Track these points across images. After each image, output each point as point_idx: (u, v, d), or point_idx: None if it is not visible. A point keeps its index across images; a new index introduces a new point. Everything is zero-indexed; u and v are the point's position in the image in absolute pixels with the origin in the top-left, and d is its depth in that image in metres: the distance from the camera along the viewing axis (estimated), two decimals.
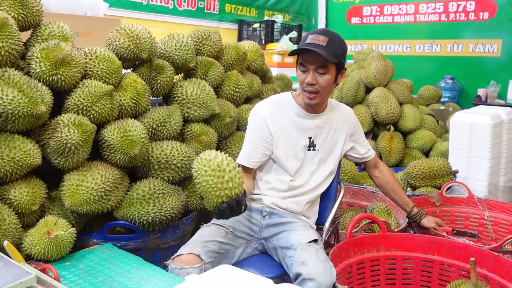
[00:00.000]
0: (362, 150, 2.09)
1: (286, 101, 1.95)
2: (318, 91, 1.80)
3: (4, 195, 1.69)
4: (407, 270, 1.93)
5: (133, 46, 2.09)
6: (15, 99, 1.63)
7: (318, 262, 1.62)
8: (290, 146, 1.90)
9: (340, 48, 1.80)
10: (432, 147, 3.49)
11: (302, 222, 1.90)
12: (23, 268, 1.24)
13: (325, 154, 1.97)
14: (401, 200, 2.16)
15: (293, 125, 1.91)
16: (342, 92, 3.62)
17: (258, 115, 1.92)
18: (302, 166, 1.93)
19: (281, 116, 1.91)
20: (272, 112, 1.91)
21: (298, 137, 1.92)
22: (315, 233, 1.86)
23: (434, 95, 4.58)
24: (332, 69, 1.79)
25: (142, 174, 2.10)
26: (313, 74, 1.78)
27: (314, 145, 1.94)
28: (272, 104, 1.94)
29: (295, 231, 1.82)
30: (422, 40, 5.96)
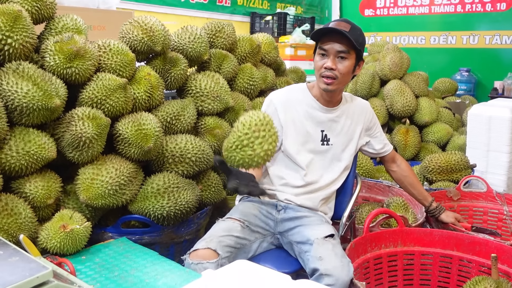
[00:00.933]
0: (378, 145, 2.05)
1: (300, 91, 1.92)
2: (336, 77, 1.77)
3: (20, 189, 1.69)
4: (425, 266, 1.90)
5: (146, 39, 2.08)
6: (30, 92, 1.62)
7: (335, 258, 1.60)
8: (301, 138, 1.87)
9: (361, 37, 1.78)
10: (449, 140, 3.43)
11: (318, 217, 1.87)
12: (39, 262, 1.23)
13: (338, 149, 1.93)
14: (420, 194, 2.12)
15: (306, 117, 1.88)
16: (356, 84, 3.57)
17: (271, 103, 1.90)
18: (314, 160, 1.90)
19: (294, 106, 1.88)
20: (286, 101, 1.88)
21: (311, 129, 1.88)
22: (331, 227, 1.83)
23: (450, 88, 4.50)
24: (352, 56, 1.77)
25: (157, 168, 2.09)
26: (333, 58, 1.76)
27: (328, 139, 1.91)
28: (286, 94, 1.92)
29: (311, 226, 1.80)
30: (437, 32, 5.86)
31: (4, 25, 1.63)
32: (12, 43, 1.66)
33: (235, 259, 1.67)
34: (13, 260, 1.25)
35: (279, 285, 1.17)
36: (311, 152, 1.89)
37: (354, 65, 1.80)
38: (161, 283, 1.42)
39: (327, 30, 1.74)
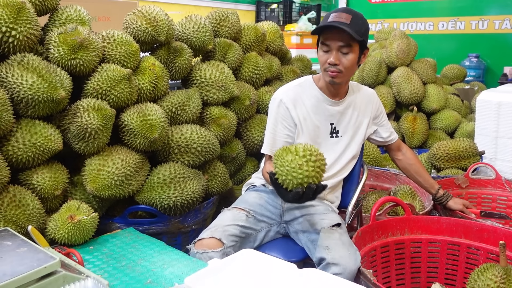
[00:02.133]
0: (385, 133, 2.04)
1: (307, 85, 1.89)
2: (341, 71, 1.74)
3: (27, 181, 1.70)
4: (433, 253, 1.89)
5: (150, 29, 2.07)
6: (35, 84, 1.63)
7: (342, 247, 1.59)
8: (312, 133, 1.86)
9: (363, 26, 1.75)
10: (457, 127, 3.40)
11: (324, 206, 1.87)
12: (47, 252, 1.24)
13: (347, 140, 1.92)
14: (426, 182, 2.10)
15: (315, 111, 1.86)
16: (363, 72, 3.54)
17: (281, 102, 1.86)
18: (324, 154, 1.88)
19: (303, 102, 1.86)
20: (295, 98, 1.86)
21: (320, 123, 1.87)
22: (338, 216, 1.83)
23: (458, 74, 4.45)
24: (355, 48, 1.74)
25: (162, 158, 2.10)
26: (336, 53, 1.72)
27: (337, 131, 1.91)
28: (294, 90, 1.89)
29: (317, 215, 1.79)
30: (446, 17, 5.77)
31: (8, 17, 1.63)
32: (16, 35, 1.66)
33: (240, 248, 1.68)
34: (22, 250, 1.27)
35: (285, 273, 1.18)
36: (320, 145, 1.87)
37: (359, 56, 1.78)
38: (168, 273, 1.43)
39: (327, 25, 1.70)
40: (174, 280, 1.38)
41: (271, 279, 1.11)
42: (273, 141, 1.86)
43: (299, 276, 1.13)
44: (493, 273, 1.52)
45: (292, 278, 1.11)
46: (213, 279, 1.12)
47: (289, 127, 1.85)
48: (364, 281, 1.48)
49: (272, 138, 1.86)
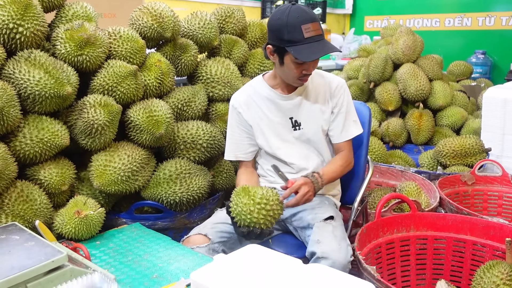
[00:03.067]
0: (331, 130, 1.87)
1: (258, 85, 1.87)
2: (309, 75, 1.74)
3: (35, 176, 1.72)
4: (439, 250, 1.89)
5: (156, 25, 2.07)
6: (42, 80, 1.64)
7: (333, 240, 1.59)
8: (274, 131, 1.85)
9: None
10: (463, 124, 3.38)
11: (320, 199, 1.86)
12: (54, 247, 1.25)
13: (312, 129, 1.85)
14: None
15: (270, 109, 1.84)
16: (369, 69, 3.52)
17: (233, 108, 1.88)
18: (294, 148, 1.86)
19: (256, 103, 1.85)
20: (246, 101, 1.86)
21: (280, 119, 1.84)
22: (332, 209, 1.82)
23: (464, 70, 4.42)
24: None
25: (168, 154, 2.10)
26: (313, 64, 1.69)
27: (299, 124, 1.85)
28: (244, 93, 1.89)
29: (312, 210, 1.79)
30: (452, 13, 5.74)
31: (15, 14, 1.64)
32: (24, 31, 1.67)
33: (237, 244, 1.72)
34: (29, 244, 1.28)
35: (290, 269, 1.18)
36: (287, 141, 1.86)
37: None
38: (174, 268, 1.44)
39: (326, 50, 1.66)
40: (180, 275, 1.39)
41: (277, 274, 1.11)
42: (233, 146, 1.90)
43: (305, 272, 1.13)
44: (499, 270, 1.51)
45: (297, 273, 1.12)
46: (218, 274, 1.13)
47: (245, 130, 1.87)
48: (368, 277, 1.48)
49: (231, 143, 1.90)
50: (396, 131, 3.32)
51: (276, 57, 1.72)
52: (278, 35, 1.65)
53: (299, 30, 1.60)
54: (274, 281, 1.08)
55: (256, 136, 1.86)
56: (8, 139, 1.65)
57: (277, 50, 1.70)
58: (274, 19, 1.68)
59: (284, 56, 1.69)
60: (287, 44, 1.63)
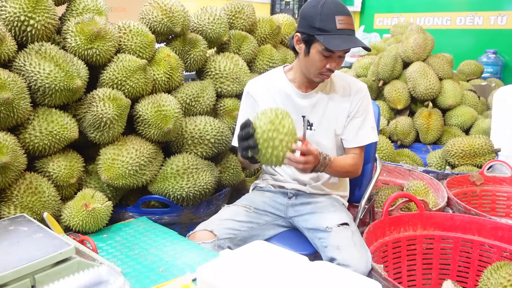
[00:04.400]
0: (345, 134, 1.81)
1: (277, 77, 1.84)
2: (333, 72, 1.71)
3: (43, 168, 1.73)
4: (445, 250, 1.88)
5: (166, 20, 2.07)
6: (52, 73, 1.64)
7: (353, 248, 1.57)
8: None
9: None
10: (473, 124, 3.35)
11: (331, 201, 1.84)
12: (62, 239, 1.26)
13: (322, 136, 1.80)
14: None
15: (285, 104, 1.80)
16: (378, 67, 3.50)
17: (249, 94, 1.87)
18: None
19: (272, 94, 1.83)
20: (263, 90, 1.84)
21: (293, 115, 1.79)
22: (345, 213, 1.79)
23: (475, 70, 4.38)
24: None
25: (176, 149, 2.11)
26: (338, 59, 1.66)
27: (311, 124, 1.81)
28: (262, 82, 1.87)
29: (324, 212, 1.77)
30: (464, 12, 5.67)
31: (27, 6, 1.64)
32: (35, 24, 1.68)
33: (243, 241, 1.71)
34: (38, 236, 1.29)
35: (296, 266, 1.18)
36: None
37: None
38: (180, 262, 1.44)
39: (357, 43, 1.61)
40: (186, 270, 1.39)
41: (282, 271, 1.11)
42: None
43: (311, 269, 1.13)
44: (507, 272, 1.50)
45: (304, 270, 1.11)
46: (224, 269, 1.13)
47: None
48: (375, 275, 1.48)
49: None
50: (404, 130, 3.30)
51: (302, 46, 1.70)
52: (310, 23, 1.62)
53: (332, 20, 1.59)
54: (280, 278, 1.08)
55: None
56: (18, 131, 1.66)
57: (306, 38, 1.66)
58: (308, 7, 1.66)
59: (311, 45, 1.65)
60: (318, 32, 1.60)
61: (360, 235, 1.70)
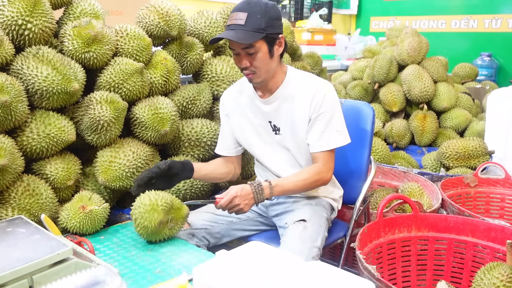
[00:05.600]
0: (308, 135, 1.74)
1: (245, 84, 1.85)
2: (254, 72, 1.66)
3: (41, 170, 1.74)
4: (440, 251, 1.89)
5: (163, 23, 2.09)
6: (49, 76, 1.66)
7: (298, 242, 1.61)
8: (256, 131, 1.84)
9: (264, 19, 1.60)
10: (467, 126, 3.38)
11: (307, 200, 1.85)
12: (60, 240, 1.27)
13: (289, 136, 1.78)
14: None
15: (252, 110, 1.82)
16: (373, 69, 3.53)
17: (222, 103, 1.92)
18: (274, 153, 1.83)
19: (240, 101, 1.86)
20: (234, 97, 1.88)
21: (260, 121, 1.82)
22: (311, 210, 1.78)
23: (470, 73, 4.42)
24: (260, 44, 1.62)
25: (173, 151, 2.12)
26: (244, 56, 1.65)
27: (278, 128, 1.79)
28: (233, 90, 1.90)
29: (293, 211, 1.80)
30: (459, 15, 5.71)
31: (24, 10, 1.66)
32: (32, 28, 1.69)
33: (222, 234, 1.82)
34: (35, 238, 1.30)
35: (291, 266, 1.19)
36: (269, 144, 1.83)
37: (269, 50, 1.65)
38: (177, 263, 1.46)
39: (222, 36, 1.63)
40: (182, 270, 1.40)
41: (278, 271, 1.12)
42: (223, 140, 1.93)
43: (306, 269, 1.14)
44: (500, 272, 1.52)
45: (299, 271, 1.13)
46: (220, 269, 1.14)
47: (231, 130, 1.90)
48: (368, 276, 1.49)
49: (221, 137, 1.94)
50: (399, 132, 3.32)
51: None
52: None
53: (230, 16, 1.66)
54: (275, 278, 1.09)
55: (238, 133, 1.88)
56: (15, 134, 1.67)
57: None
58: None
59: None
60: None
61: (315, 231, 1.69)
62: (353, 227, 1.94)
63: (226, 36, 1.60)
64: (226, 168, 1.91)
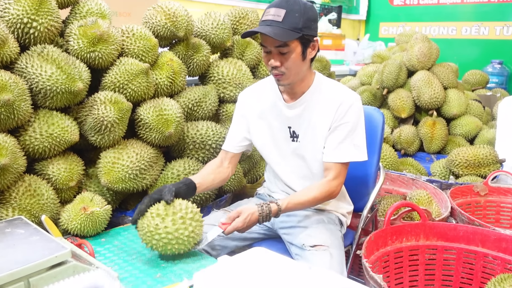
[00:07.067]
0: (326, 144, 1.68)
1: (269, 85, 1.80)
2: (283, 73, 1.60)
3: (43, 171, 1.72)
4: (448, 261, 1.85)
5: (169, 24, 2.07)
6: (53, 75, 1.64)
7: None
8: (271, 135, 1.78)
9: (302, 18, 1.53)
10: (477, 134, 3.32)
11: (320, 217, 1.77)
12: (58, 242, 1.25)
13: (307, 149, 1.72)
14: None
15: (272, 112, 1.76)
16: (382, 75, 3.49)
17: (239, 102, 1.85)
18: (287, 162, 1.78)
19: (261, 103, 1.79)
20: (254, 98, 1.81)
21: (279, 125, 1.76)
22: (328, 232, 1.69)
23: (480, 80, 4.35)
24: (295, 45, 1.56)
25: (177, 154, 2.10)
26: (276, 55, 1.57)
27: (297, 135, 1.73)
28: (254, 90, 1.84)
29: (306, 228, 1.71)
30: (469, 22, 5.66)
31: (30, 9, 1.64)
32: (38, 26, 1.67)
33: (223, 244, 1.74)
34: (34, 239, 1.28)
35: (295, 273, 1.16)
36: (282, 149, 1.78)
37: (302, 52, 1.59)
38: (178, 268, 1.42)
39: (256, 30, 1.54)
40: (183, 275, 1.37)
41: (281, 278, 1.09)
42: (232, 135, 1.85)
43: (310, 276, 1.11)
44: (510, 284, 1.47)
45: (303, 278, 1.09)
46: (222, 275, 1.11)
47: (246, 122, 1.83)
48: (374, 286, 1.45)
49: (231, 132, 1.86)
50: (408, 138, 3.27)
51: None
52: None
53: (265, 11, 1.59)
54: (278, 285, 1.06)
55: (253, 132, 1.81)
56: (18, 133, 1.65)
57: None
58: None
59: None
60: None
61: (341, 259, 1.62)
62: (360, 235, 1.90)
63: (263, 30, 1.51)
64: (223, 175, 1.82)
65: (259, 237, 1.87)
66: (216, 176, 1.78)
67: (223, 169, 1.83)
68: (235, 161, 1.88)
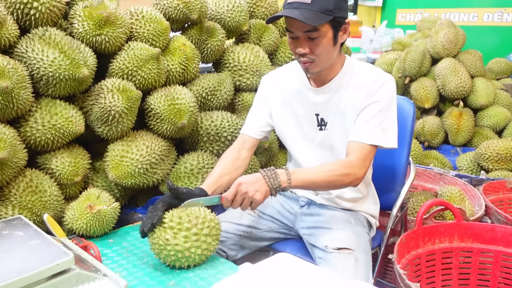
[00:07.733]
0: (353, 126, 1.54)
1: (294, 71, 1.66)
2: (313, 60, 1.46)
3: (46, 165, 1.60)
4: (485, 265, 1.73)
5: (182, 6, 1.92)
6: (56, 60, 1.50)
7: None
8: (296, 123, 1.65)
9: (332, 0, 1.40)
10: (506, 126, 3.14)
11: (346, 216, 1.64)
12: (61, 247, 1.12)
13: (335, 136, 1.60)
14: None
15: (297, 99, 1.63)
16: (405, 63, 3.31)
17: (262, 86, 1.72)
18: (313, 153, 1.64)
19: (285, 88, 1.66)
20: (278, 83, 1.68)
21: (306, 113, 1.62)
22: (354, 235, 1.56)
23: (505, 68, 4.14)
24: (326, 29, 1.42)
25: (190, 146, 1.97)
26: (304, 41, 1.44)
27: (325, 123, 1.61)
28: (279, 73, 1.72)
29: (330, 229, 1.58)
30: (492, 8, 5.43)
31: None
32: (39, 7, 1.53)
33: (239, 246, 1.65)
34: (33, 243, 1.16)
35: (326, 284, 1.03)
36: (309, 141, 1.64)
37: (334, 36, 1.45)
38: (193, 274, 1.29)
39: (282, 14, 1.41)
40: (199, 284, 1.24)
41: None
42: (252, 118, 1.71)
43: (340, 286, 0.98)
44: None
45: None
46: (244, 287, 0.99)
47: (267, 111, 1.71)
48: None
49: (252, 116, 1.73)
50: (432, 130, 3.11)
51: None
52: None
53: None
54: None
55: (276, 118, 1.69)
56: (18, 124, 1.53)
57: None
58: None
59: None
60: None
61: (366, 264, 1.48)
62: (389, 235, 1.75)
63: (291, 14, 1.37)
64: (240, 170, 1.67)
65: (279, 237, 1.76)
66: (232, 175, 1.60)
67: (240, 162, 1.67)
68: (253, 150, 1.72)
